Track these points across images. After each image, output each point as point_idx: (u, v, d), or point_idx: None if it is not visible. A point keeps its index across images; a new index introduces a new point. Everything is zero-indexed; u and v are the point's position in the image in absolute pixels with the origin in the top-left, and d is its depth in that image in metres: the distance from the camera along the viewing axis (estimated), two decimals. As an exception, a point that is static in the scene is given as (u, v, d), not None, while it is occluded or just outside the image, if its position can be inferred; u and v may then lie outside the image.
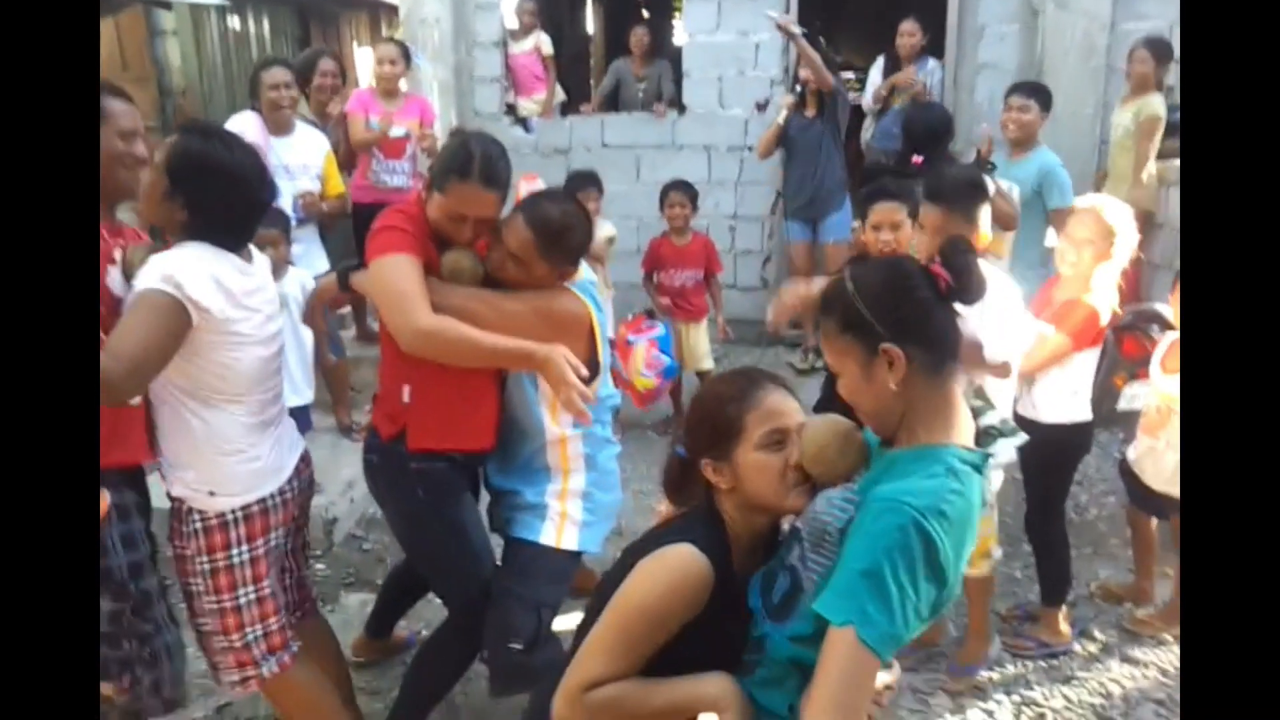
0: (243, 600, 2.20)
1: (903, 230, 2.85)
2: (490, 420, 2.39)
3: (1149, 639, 3.12)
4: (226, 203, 2.06)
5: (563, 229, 2.24)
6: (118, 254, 2.14)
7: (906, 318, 1.43)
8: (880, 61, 6.42)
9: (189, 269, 1.96)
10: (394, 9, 7.81)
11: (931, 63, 6.27)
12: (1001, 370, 2.55)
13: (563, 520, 2.40)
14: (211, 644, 2.26)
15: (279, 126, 4.30)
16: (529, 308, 2.24)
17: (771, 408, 1.58)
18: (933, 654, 3.01)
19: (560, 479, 2.43)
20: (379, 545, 3.87)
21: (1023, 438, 1.92)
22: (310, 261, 4.29)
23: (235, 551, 2.17)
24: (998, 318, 2.48)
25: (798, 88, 5.49)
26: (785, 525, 1.64)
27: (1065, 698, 2.85)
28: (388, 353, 2.35)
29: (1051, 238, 4.04)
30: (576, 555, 2.46)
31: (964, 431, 1.46)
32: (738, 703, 1.49)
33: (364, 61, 8.52)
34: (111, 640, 2.19)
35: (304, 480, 2.36)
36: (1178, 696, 2.83)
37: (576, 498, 2.43)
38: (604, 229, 4.89)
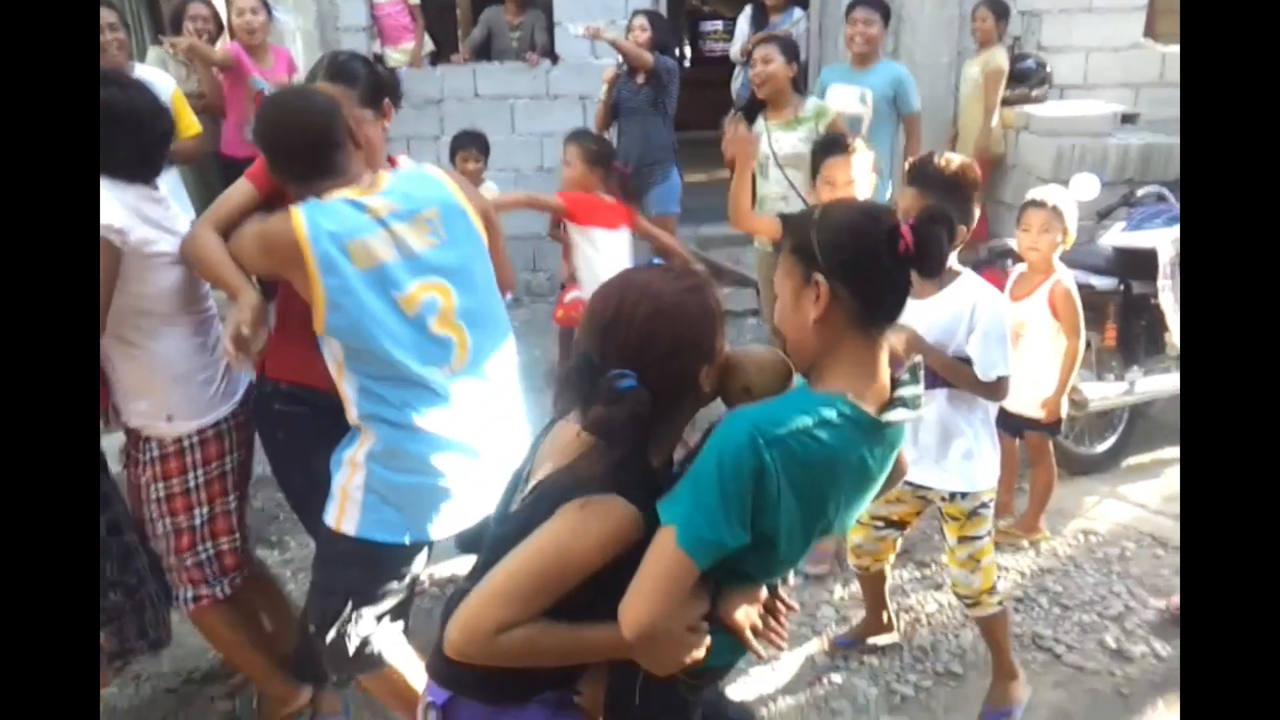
0: (197, 520, 2.27)
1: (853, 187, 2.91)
2: None
3: (1009, 547, 3.40)
4: (133, 143, 2.09)
5: (274, 127, 2.04)
6: None
7: (850, 260, 1.40)
8: (748, 11, 6.54)
9: None
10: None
11: (798, 12, 6.42)
12: (995, 390, 2.39)
13: (343, 499, 2.11)
14: (168, 563, 2.32)
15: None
16: (251, 233, 2.05)
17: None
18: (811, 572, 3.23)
19: (358, 441, 2.11)
20: (270, 503, 3.84)
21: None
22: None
23: (190, 476, 2.25)
24: (989, 334, 2.33)
25: (620, 60, 5.49)
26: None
27: (936, 601, 3.11)
28: None
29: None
30: (374, 543, 2.11)
31: (870, 392, 1.44)
32: (660, 642, 1.41)
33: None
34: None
35: (250, 411, 2.39)
36: (1034, 594, 3.13)
37: (361, 469, 2.09)
38: (487, 190, 4.87)
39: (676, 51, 7.92)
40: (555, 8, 6.60)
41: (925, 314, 2.36)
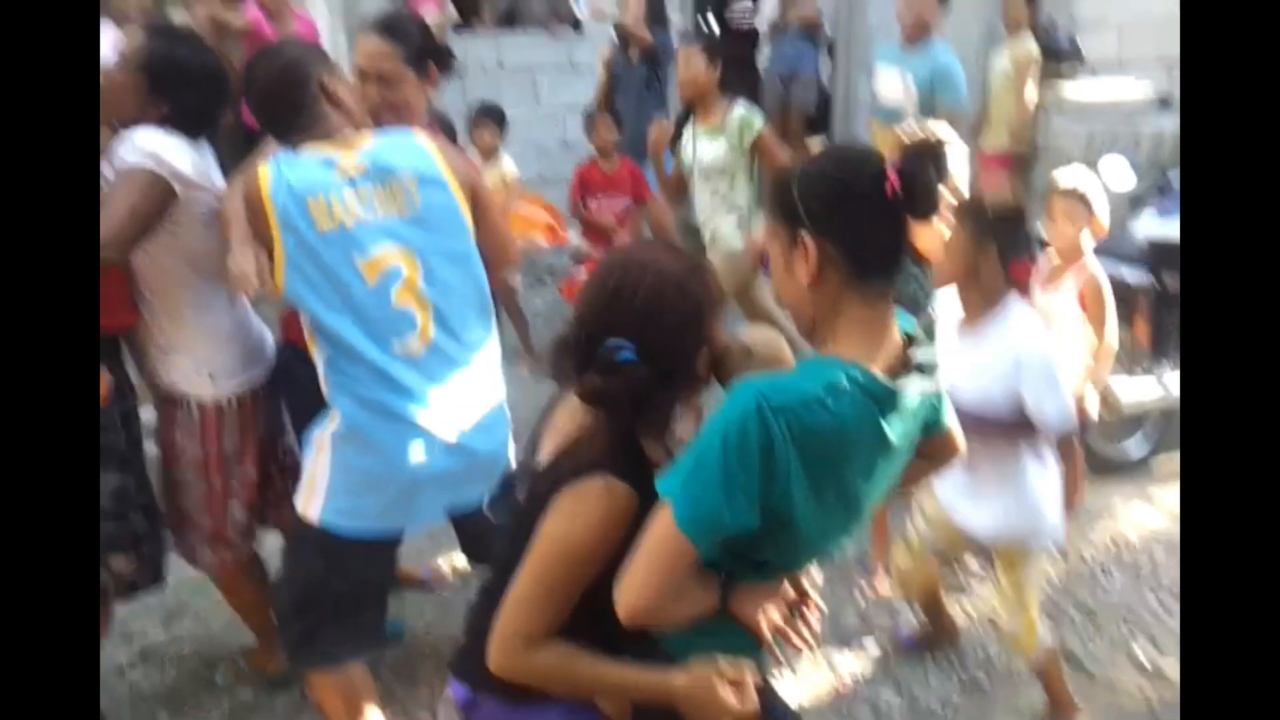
0: (226, 485, 2.38)
1: None
2: None
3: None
4: (204, 100, 2.24)
5: (246, 83, 2.09)
6: None
7: (835, 213, 1.31)
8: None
9: (166, 145, 2.11)
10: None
11: (826, -17, 6.31)
12: (1067, 447, 2.34)
13: (310, 481, 2.04)
14: (194, 526, 2.42)
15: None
16: None
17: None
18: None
19: (327, 420, 2.03)
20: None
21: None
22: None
23: (225, 436, 2.34)
24: (1040, 385, 2.23)
25: (615, 38, 5.38)
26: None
27: (962, 609, 3.05)
28: None
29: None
30: (335, 533, 2.02)
31: (879, 355, 1.35)
32: (707, 695, 1.36)
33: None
34: (118, 516, 2.31)
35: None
36: (1063, 605, 3.09)
37: (326, 450, 2.02)
38: (505, 167, 4.80)
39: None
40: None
41: (970, 351, 2.28)
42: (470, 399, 2.09)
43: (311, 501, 2.04)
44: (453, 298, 2.05)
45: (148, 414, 2.50)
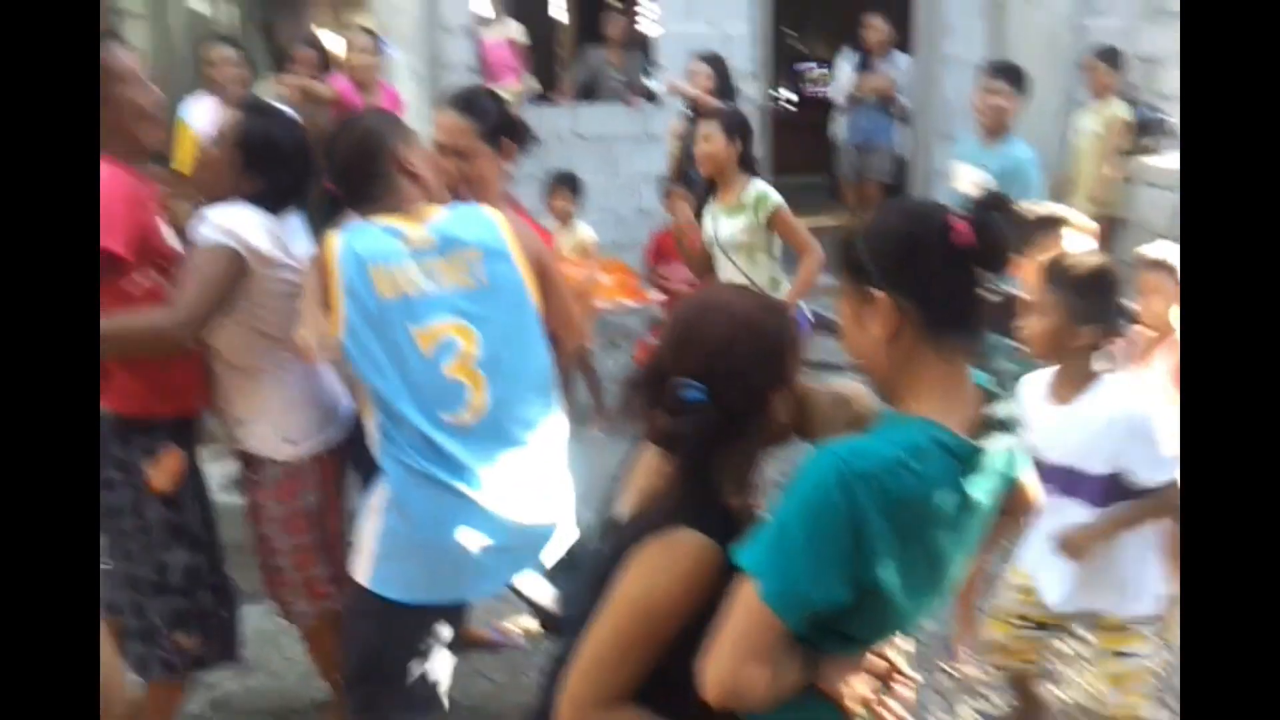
0: (311, 539, 2.38)
1: None
2: None
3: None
4: (295, 177, 2.28)
5: (324, 153, 2.16)
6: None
7: (905, 268, 1.27)
8: (849, 53, 6.49)
9: (246, 221, 2.14)
10: (359, -6, 7.68)
11: (901, 58, 6.35)
12: (1162, 504, 2.17)
13: (361, 545, 2.06)
14: (286, 579, 2.42)
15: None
16: None
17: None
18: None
19: (379, 486, 2.05)
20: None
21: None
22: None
23: (308, 495, 2.35)
24: (1138, 432, 2.15)
25: (686, 109, 5.34)
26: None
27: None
28: None
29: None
30: (384, 599, 2.02)
31: (958, 412, 1.31)
32: None
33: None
34: (187, 593, 2.32)
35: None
36: (1166, 697, 2.93)
37: (377, 516, 2.03)
38: (582, 232, 4.88)
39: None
40: (656, 48, 6.65)
41: (1064, 425, 2.20)
42: (524, 473, 2.08)
43: (361, 566, 2.05)
44: (510, 373, 2.05)
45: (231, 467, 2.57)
